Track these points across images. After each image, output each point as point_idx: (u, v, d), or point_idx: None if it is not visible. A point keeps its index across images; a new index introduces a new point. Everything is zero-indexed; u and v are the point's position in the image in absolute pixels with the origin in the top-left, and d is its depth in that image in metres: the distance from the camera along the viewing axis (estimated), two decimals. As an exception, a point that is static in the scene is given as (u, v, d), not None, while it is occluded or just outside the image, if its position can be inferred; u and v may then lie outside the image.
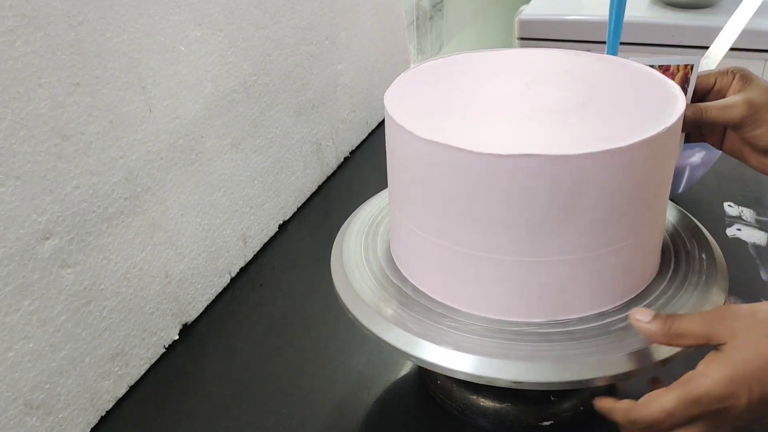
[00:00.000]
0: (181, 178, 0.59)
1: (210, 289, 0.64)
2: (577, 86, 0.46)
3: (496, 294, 0.43)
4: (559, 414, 0.49)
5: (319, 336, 0.60)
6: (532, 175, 0.38)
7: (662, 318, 0.38)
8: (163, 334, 0.58)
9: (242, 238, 0.68)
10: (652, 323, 0.38)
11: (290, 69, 0.75)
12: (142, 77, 0.54)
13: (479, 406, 0.49)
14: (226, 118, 0.65)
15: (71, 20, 0.47)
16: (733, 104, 0.46)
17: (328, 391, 0.54)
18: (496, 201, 0.39)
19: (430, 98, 0.46)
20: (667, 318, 0.38)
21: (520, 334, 0.42)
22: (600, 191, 0.39)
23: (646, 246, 0.44)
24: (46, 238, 0.47)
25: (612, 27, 0.58)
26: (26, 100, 0.44)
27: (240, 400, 0.54)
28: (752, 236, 0.69)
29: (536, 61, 0.50)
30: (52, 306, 0.47)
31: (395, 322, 0.43)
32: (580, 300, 0.43)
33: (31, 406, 0.46)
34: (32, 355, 0.46)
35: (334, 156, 0.86)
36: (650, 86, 0.45)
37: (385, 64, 0.98)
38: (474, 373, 0.40)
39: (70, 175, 0.48)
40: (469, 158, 0.38)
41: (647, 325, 0.38)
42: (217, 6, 0.62)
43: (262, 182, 0.71)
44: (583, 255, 0.41)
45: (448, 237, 0.42)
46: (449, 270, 0.43)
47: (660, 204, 0.44)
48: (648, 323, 0.38)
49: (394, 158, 0.45)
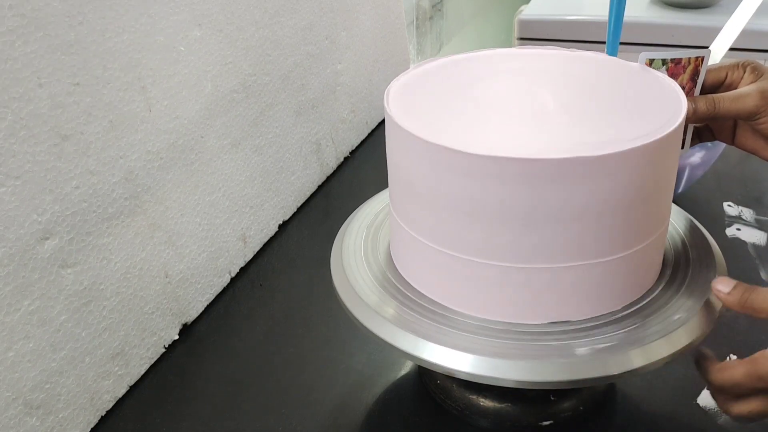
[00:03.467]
0: (181, 178, 0.59)
1: (210, 289, 0.64)
2: (577, 87, 0.46)
3: (496, 298, 0.42)
4: (559, 414, 0.49)
5: (319, 336, 0.60)
6: (532, 178, 0.38)
7: (741, 288, 0.41)
8: (163, 334, 0.58)
9: (242, 238, 0.68)
10: (731, 294, 0.41)
11: (290, 69, 0.75)
12: (142, 77, 0.54)
13: (479, 406, 0.49)
14: (225, 118, 0.65)
15: (71, 20, 0.47)
16: (746, 94, 0.47)
17: (328, 391, 0.54)
18: (495, 203, 0.39)
19: (430, 99, 0.46)
20: (745, 291, 0.41)
21: (520, 334, 0.42)
22: (603, 194, 0.39)
23: (649, 250, 0.43)
24: (46, 238, 0.47)
25: (612, 27, 0.58)
26: (26, 100, 0.44)
27: (240, 400, 0.54)
28: (752, 236, 0.69)
29: (536, 61, 0.50)
30: (52, 306, 0.47)
31: (395, 322, 0.43)
32: (581, 304, 0.42)
33: (31, 406, 0.46)
34: (32, 355, 0.46)
35: (333, 156, 0.86)
36: (650, 87, 0.45)
37: (385, 64, 0.98)
38: (474, 373, 0.40)
39: (69, 175, 0.48)
40: (468, 160, 0.38)
41: (727, 296, 0.41)
42: (217, 6, 0.62)
43: (261, 182, 0.71)
44: (585, 260, 0.41)
45: (448, 242, 0.42)
46: (449, 275, 0.43)
47: (663, 207, 0.44)
48: (727, 294, 0.41)
49: (394, 159, 0.45)
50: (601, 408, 0.51)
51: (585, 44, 1.38)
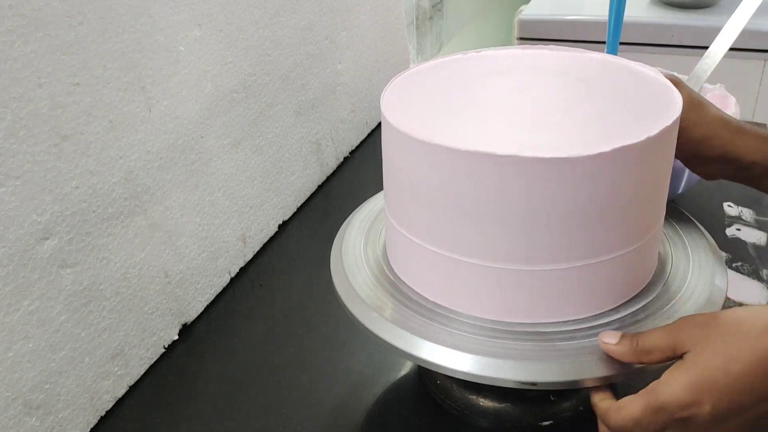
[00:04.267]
0: (181, 178, 0.59)
1: (210, 289, 0.64)
2: (575, 86, 0.46)
3: (494, 298, 0.42)
4: (559, 414, 0.49)
5: (319, 336, 0.60)
6: (530, 177, 0.38)
7: (628, 337, 0.39)
8: (163, 334, 0.58)
9: (242, 238, 0.68)
10: (619, 345, 0.39)
11: (290, 69, 0.75)
12: (142, 77, 0.54)
13: (479, 406, 0.49)
14: (225, 118, 0.65)
15: (71, 20, 0.47)
16: None
17: (328, 391, 0.54)
18: (492, 203, 0.39)
19: (428, 99, 0.45)
20: (632, 337, 0.39)
21: (519, 334, 0.42)
22: (600, 193, 0.39)
23: (645, 248, 0.43)
24: (45, 238, 0.47)
25: (611, 27, 0.58)
26: (26, 100, 0.44)
27: (240, 400, 0.54)
28: (752, 236, 0.69)
29: (534, 61, 0.50)
30: (52, 306, 0.47)
31: (395, 322, 0.43)
32: (580, 302, 0.42)
33: (30, 406, 0.46)
34: (32, 355, 0.46)
35: (333, 156, 0.86)
36: (648, 86, 0.45)
37: (385, 64, 0.98)
38: (474, 373, 0.40)
39: (69, 175, 0.48)
40: (465, 159, 0.38)
41: (615, 347, 0.39)
42: (217, 6, 0.62)
43: (261, 182, 0.71)
44: (583, 260, 0.41)
45: (445, 243, 0.42)
46: (447, 275, 0.43)
47: (659, 206, 0.44)
48: (616, 345, 0.39)
49: (391, 160, 0.45)
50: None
51: (585, 44, 1.38)
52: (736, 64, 1.23)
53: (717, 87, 0.74)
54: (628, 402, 0.37)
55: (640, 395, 0.36)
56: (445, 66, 0.50)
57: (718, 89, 0.74)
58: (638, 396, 0.37)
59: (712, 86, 0.74)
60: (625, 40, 0.57)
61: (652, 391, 0.36)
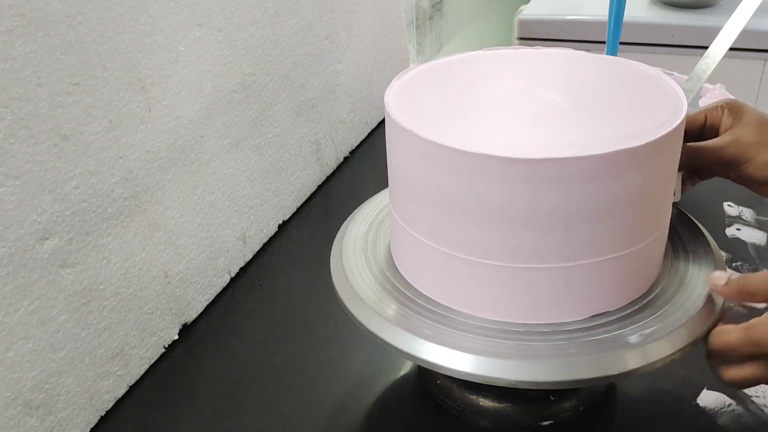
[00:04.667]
0: (181, 178, 0.59)
1: (210, 289, 0.64)
2: (577, 86, 0.46)
3: (496, 297, 0.42)
4: (559, 414, 0.49)
5: (319, 336, 0.60)
6: (533, 177, 0.38)
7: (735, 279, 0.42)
8: (163, 334, 0.58)
9: (242, 238, 0.68)
10: (727, 286, 0.42)
11: (290, 69, 0.75)
12: (142, 77, 0.54)
13: (479, 406, 0.49)
14: (225, 118, 0.65)
15: (71, 20, 0.47)
16: (723, 146, 0.48)
17: (328, 391, 0.54)
18: (495, 202, 0.39)
19: (430, 98, 0.46)
20: (739, 279, 0.42)
21: (519, 334, 0.42)
22: (603, 194, 0.39)
23: (649, 250, 0.43)
24: (45, 238, 0.47)
25: (611, 27, 0.58)
26: (26, 100, 0.44)
27: (240, 400, 0.54)
28: (752, 236, 0.69)
29: (536, 61, 0.50)
30: (52, 306, 0.47)
31: (395, 322, 0.43)
32: (582, 304, 0.42)
33: (30, 406, 0.46)
34: (32, 355, 0.46)
35: (333, 156, 0.86)
36: (651, 87, 0.45)
37: (385, 64, 0.98)
38: (474, 373, 0.40)
39: (69, 175, 0.48)
40: (469, 159, 0.38)
41: (724, 287, 0.42)
42: (217, 6, 0.62)
43: (261, 182, 0.71)
44: (585, 260, 0.41)
45: (448, 241, 0.42)
46: (449, 274, 0.43)
47: (664, 208, 0.44)
48: (724, 285, 0.42)
49: (394, 158, 0.45)
50: (601, 408, 0.51)
51: (585, 44, 1.38)
52: (736, 64, 1.23)
53: (717, 87, 0.74)
54: (727, 329, 0.41)
55: (741, 327, 0.40)
56: (446, 66, 0.50)
57: (718, 89, 0.74)
58: (738, 327, 0.40)
59: (712, 86, 0.74)
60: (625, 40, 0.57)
61: (752, 327, 0.39)
